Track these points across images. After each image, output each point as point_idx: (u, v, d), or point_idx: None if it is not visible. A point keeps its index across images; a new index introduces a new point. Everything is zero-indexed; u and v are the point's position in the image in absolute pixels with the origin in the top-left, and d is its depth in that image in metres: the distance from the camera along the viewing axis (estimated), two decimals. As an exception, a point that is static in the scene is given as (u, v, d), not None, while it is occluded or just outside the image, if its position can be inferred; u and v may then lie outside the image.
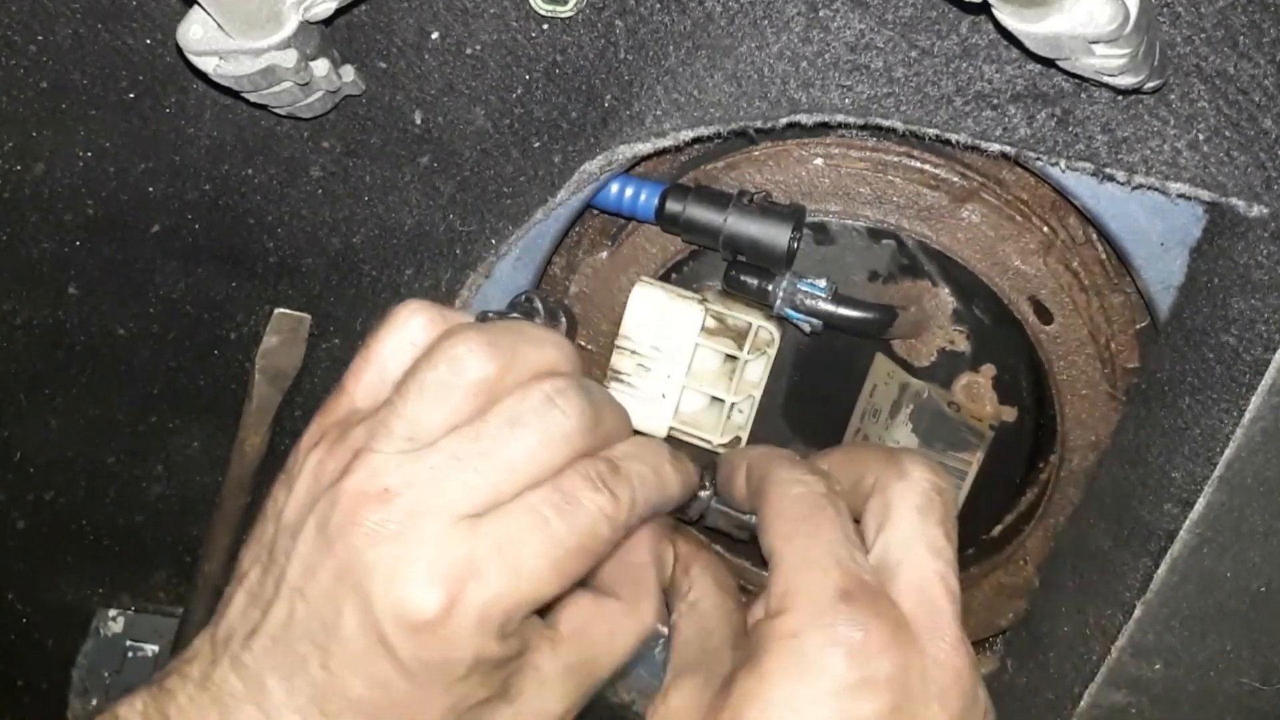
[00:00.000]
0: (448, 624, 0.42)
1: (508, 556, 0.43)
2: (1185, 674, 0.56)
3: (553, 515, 0.44)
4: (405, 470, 0.43)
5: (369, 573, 0.42)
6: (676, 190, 0.57)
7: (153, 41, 0.54)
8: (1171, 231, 0.53)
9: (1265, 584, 0.53)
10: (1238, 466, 0.51)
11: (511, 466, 0.44)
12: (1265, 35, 0.46)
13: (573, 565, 0.44)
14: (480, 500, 0.43)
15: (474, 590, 0.42)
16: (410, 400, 0.45)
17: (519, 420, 0.45)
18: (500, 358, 0.46)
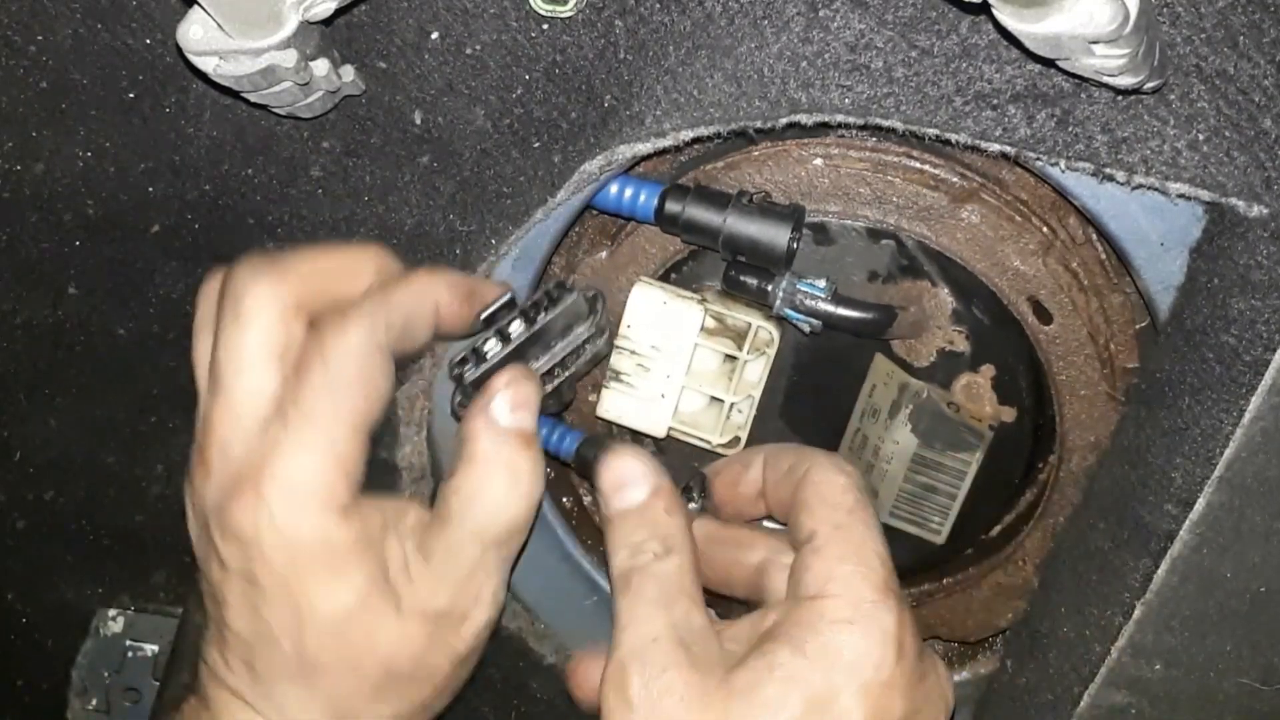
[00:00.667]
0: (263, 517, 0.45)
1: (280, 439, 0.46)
2: (1185, 674, 0.55)
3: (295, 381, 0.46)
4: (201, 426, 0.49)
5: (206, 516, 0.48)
6: (676, 191, 0.57)
7: (153, 41, 0.54)
8: (1171, 231, 0.53)
9: (1265, 584, 0.53)
10: (1238, 467, 0.51)
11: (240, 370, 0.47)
12: (1265, 35, 0.46)
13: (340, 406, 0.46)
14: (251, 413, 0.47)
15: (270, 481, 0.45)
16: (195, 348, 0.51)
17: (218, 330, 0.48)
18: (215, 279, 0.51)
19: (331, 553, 0.47)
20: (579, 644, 0.69)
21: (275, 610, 0.47)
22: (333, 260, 0.50)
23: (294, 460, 0.46)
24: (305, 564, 0.46)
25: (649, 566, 0.48)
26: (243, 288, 0.47)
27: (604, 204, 0.58)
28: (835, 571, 0.46)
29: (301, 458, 0.46)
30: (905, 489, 0.63)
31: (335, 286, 0.49)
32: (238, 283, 0.47)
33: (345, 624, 0.47)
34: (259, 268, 0.48)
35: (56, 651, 0.76)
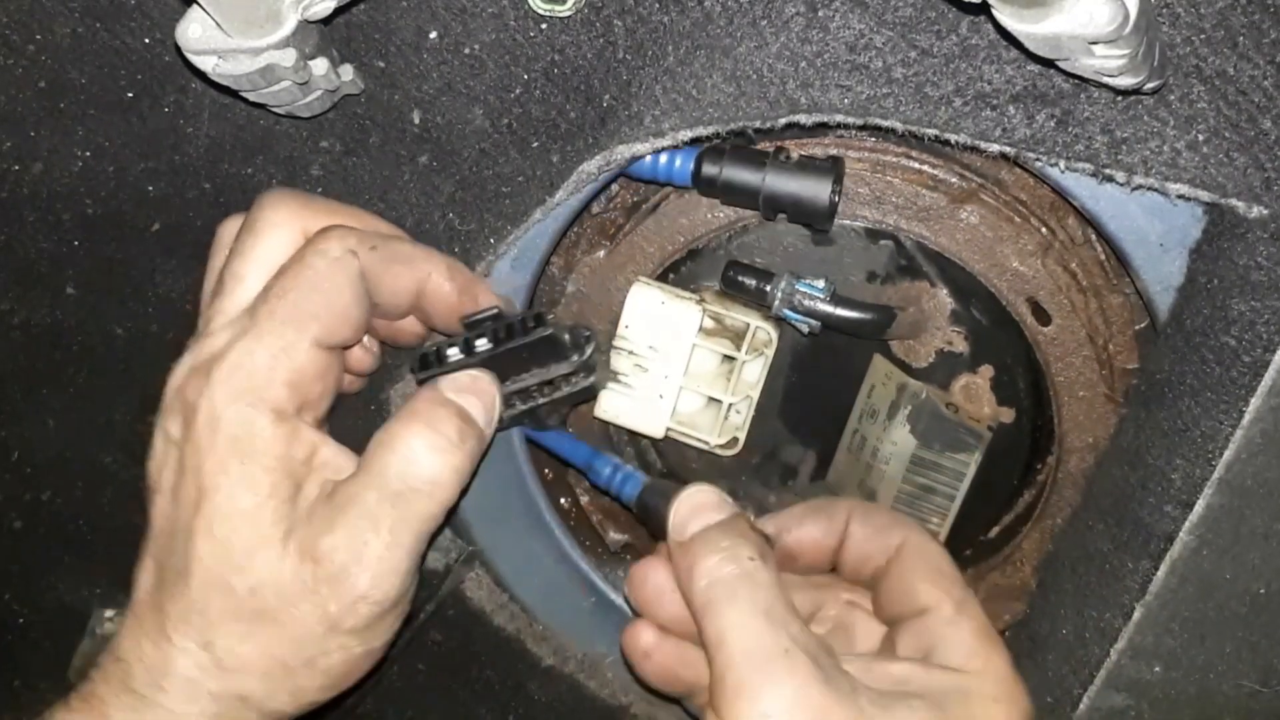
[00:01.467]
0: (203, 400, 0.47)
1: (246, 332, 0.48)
2: (1185, 676, 0.55)
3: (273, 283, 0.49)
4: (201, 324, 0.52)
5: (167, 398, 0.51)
6: (712, 152, 0.56)
7: (151, 41, 0.54)
8: (1171, 232, 0.53)
9: (1265, 586, 0.53)
10: (1237, 468, 0.50)
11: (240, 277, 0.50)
12: (1265, 36, 0.46)
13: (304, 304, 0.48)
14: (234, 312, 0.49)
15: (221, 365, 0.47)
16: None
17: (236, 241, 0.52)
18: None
19: (248, 449, 0.47)
20: (578, 646, 0.69)
21: (185, 494, 0.48)
22: (356, 212, 0.52)
23: (246, 353, 0.47)
24: (222, 451, 0.47)
25: (752, 573, 0.46)
26: (268, 205, 0.50)
27: (639, 172, 0.57)
28: (977, 648, 0.47)
29: (255, 352, 0.47)
30: (904, 490, 0.63)
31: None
32: (265, 201, 0.50)
33: (231, 527, 0.47)
34: (287, 193, 0.51)
35: (53, 651, 0.75)
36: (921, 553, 0.50)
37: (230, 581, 0.47)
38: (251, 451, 0.47)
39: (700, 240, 0.61)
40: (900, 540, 0.51)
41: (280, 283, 0.48)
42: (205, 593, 0.47)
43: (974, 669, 0.47)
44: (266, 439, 0.47)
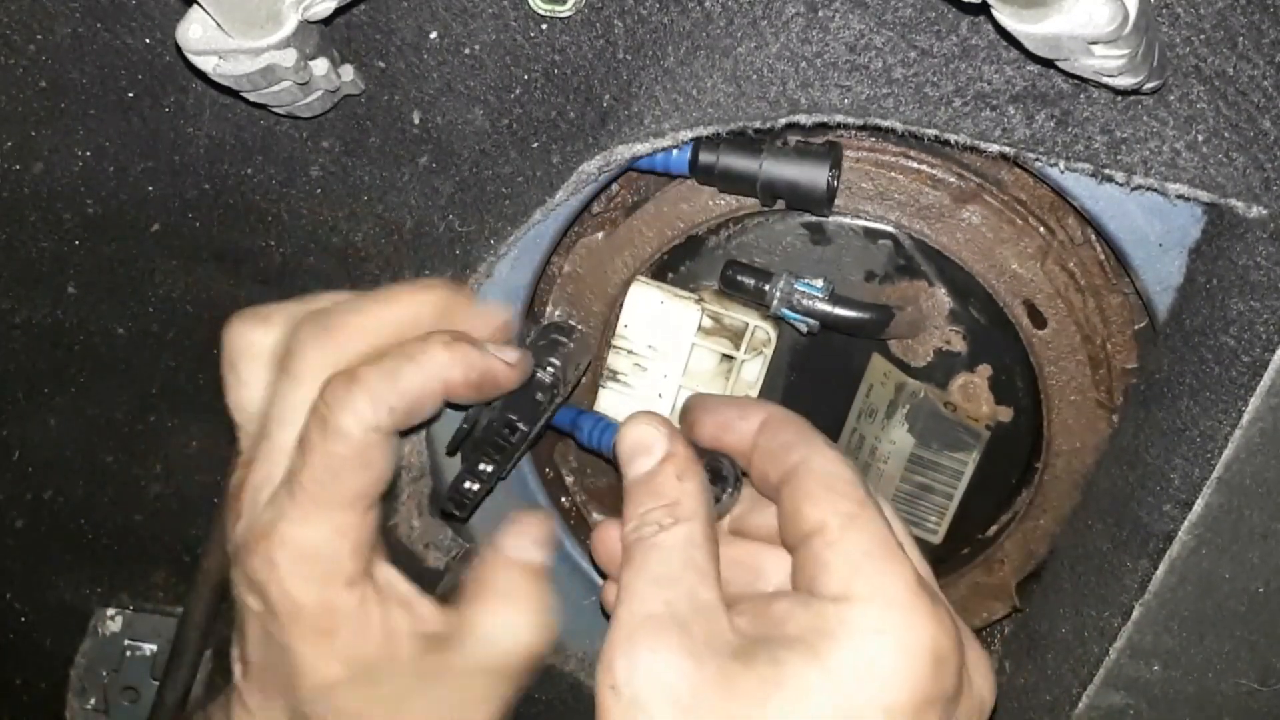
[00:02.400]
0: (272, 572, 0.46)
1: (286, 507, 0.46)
2: (1184, 675, 0.55)
3: (297, 454, 0.46)
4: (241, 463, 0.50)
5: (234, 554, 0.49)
6: (708, 141, 0.56)
7: (152, 41, 0.54)
8: (1170, 232, 0.53)
9: (1264, 585, 0.53)
10: (1236, 468, 0.50)
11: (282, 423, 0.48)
12: (1265, 36, 0.46)
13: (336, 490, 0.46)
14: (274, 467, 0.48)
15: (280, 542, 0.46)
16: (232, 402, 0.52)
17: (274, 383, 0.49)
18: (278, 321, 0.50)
19: (329, 623, 0.47)
20: (578, 644, 0.69)
21: (281, 659, 0.48)
22: (387, 312, 0.49)
23: (298, 530, 0.46)
24: (305, 628, 0.47)
25: (652, 539, 0.44)
26: (299, 347, 0.48)
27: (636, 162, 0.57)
28: (859, 569, 0.40)
29: (305, 529, 0.46)
30: (902, 489, 0.63)
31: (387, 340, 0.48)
32: (296, 340, 0.48)
33: (334, 693, 0.48)
34: (315, 323, 0.48)
35: (55, 651, 0.76)
36: (812, 469, 0.44)
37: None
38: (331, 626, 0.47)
39: (700, 227, 0.60)
40: (798, 459, 0.45)
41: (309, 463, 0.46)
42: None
43: (856, 596, 0.40)
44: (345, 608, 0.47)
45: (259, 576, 0.47)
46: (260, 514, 0.47)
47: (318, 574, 0.47)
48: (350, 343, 0.48)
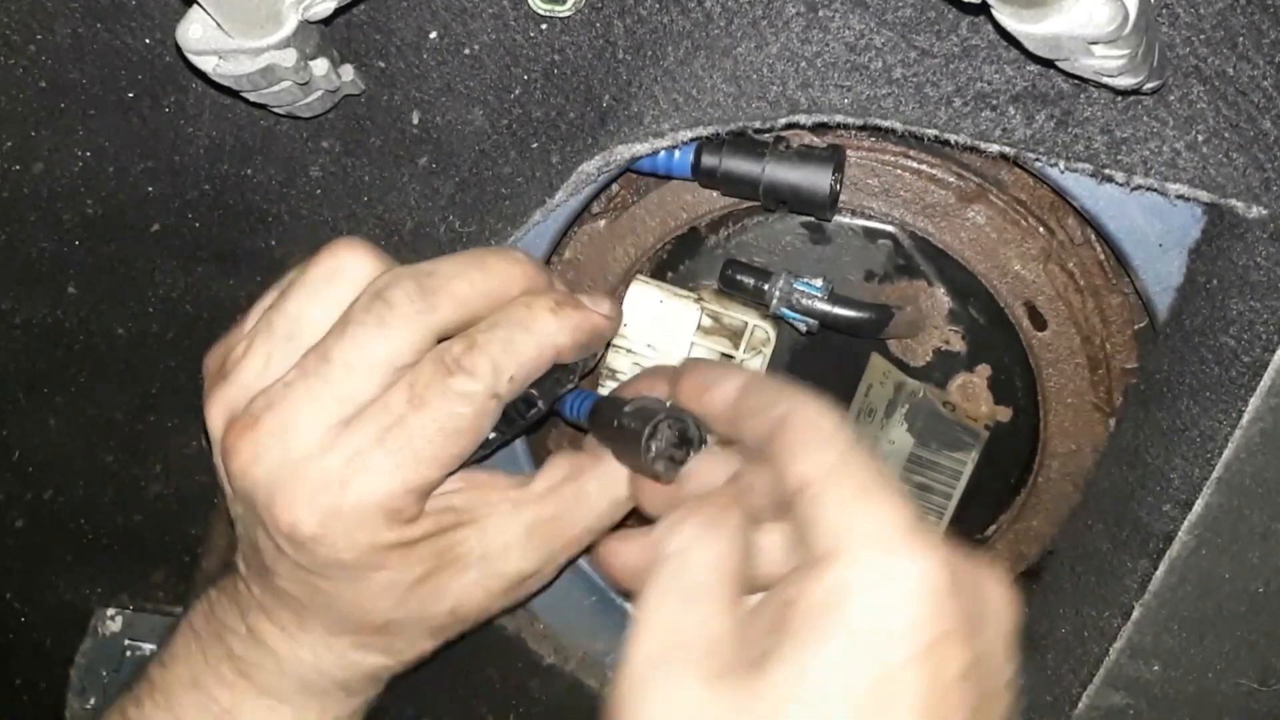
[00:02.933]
0: (330, 532, 0.46)
1: (371, 459, 0.45)
2: (1184, 675, 0.55)
3: (407, 410, 0.45)
4: (268, 392, 0.47)
5: (254, 499, 0.47)
6: (711, 144, 0.55)
7: (152, 41, 0.54)
8: (1170, 232, 0.53)
9: (1264, 585, 0.53)
10: (1236, 468, 0.50)
11: (352, 368, 0.46)
12: (1265, 37, 0.46)
13: (444, 450, 0.46)
14: (334, 410, 0.46)
15: (345, 498, 0.45)
16: (292, 297, 0.49)
17: (349, 321, 0.47)
18: (383, 262, 0.48)
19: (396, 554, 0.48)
20: (578, 644, 0.69)
21: (343, 591, 0.48)
22: (484, 281, 0.48)
23: (383, 484, 0.46)
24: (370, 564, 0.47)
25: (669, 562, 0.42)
26: (399, 301, 0.46)
27: (637, 165, 0.56)
28: (845, 520, 0.38)
29: (391, 484, 0.46)
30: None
31: (483, 306, 0.48)
32: (397, 292, 0.46)
33: (413, 590, 0.49)
34: (419, 284, 0.47)
35: (55, 651, 0.76)
36: (792, 424, 0.42)
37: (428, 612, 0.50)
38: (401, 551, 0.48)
39: (704, 219, 0.60)
40: (778, 416, 0.43)
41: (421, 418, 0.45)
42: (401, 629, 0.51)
43: (844, 550, 0.37)
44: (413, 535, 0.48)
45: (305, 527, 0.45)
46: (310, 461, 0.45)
47: (383, 525, 0.46)
48: (447, 307, 0.47)
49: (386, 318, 0.46)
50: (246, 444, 0.46)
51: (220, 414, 0.48)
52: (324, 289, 0.48)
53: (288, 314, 0.48)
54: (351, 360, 0.46)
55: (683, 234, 0.61)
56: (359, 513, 0.46)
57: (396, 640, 0.51)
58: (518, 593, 0.53)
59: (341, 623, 0.50)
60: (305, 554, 0.47)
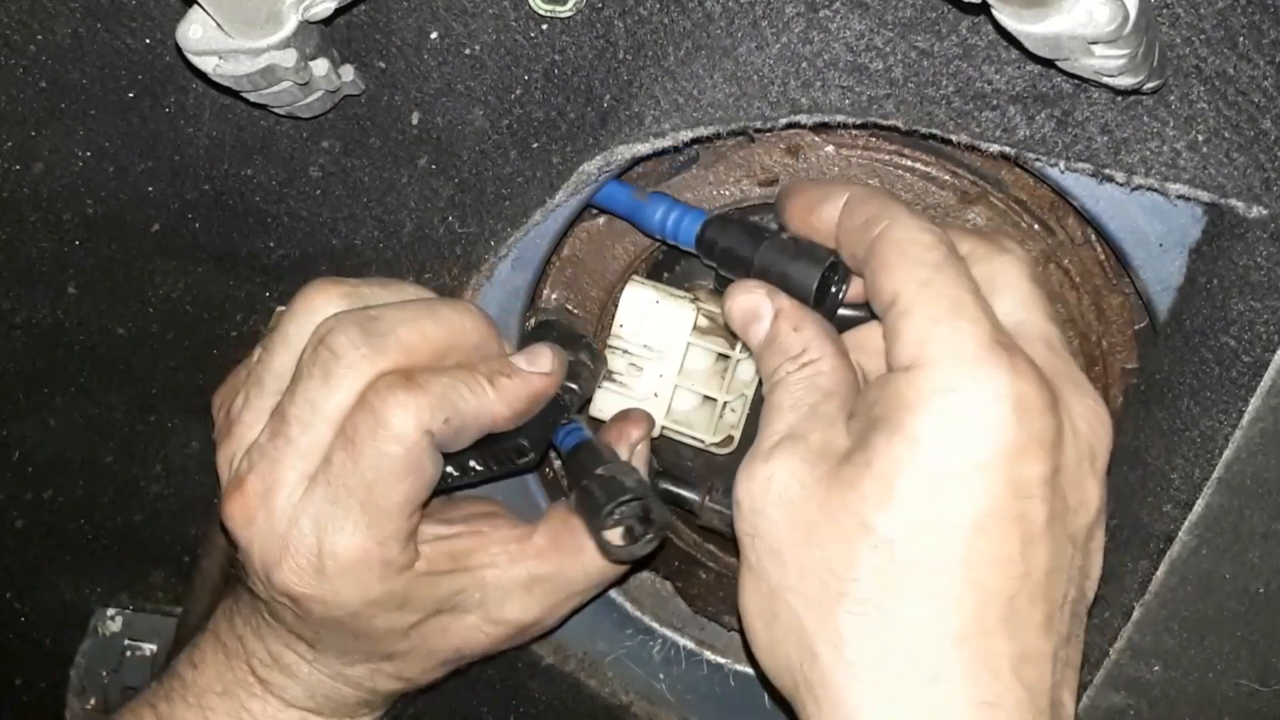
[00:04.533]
0: (321, 593, 0.47)
1: (331, 521, 0.46)
2: (1184, 675, 0.55)
3: (345, 461, 0.46)
4: (249, 454, 0.48)
5: (250, 560, 0.48)
6: (717, 221, 0.55)
7: (152, 41, 0.54)
8: (1170, 232, 0.53)
9: (1264, 585, 0.53)
10: (1237, 468, 0.50)
11: (306, 425, 0.47)
12: (1265, 36, 0.46)
13: (388, 497, 0.47)
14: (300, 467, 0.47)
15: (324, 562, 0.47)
16: (272, 349, 0.50)
17: (298, 377, 0.48)
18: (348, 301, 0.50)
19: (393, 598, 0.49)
20: (578, 644, 0.69)
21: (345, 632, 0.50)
22: (434, 329, 0.49)
23: (348, 541, 0.47)
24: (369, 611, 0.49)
25: (783, 380, 0.45)
26: (342, 348, 0.47)
27: (649, 228, 0.57)
28: (930, 334, 0.39)
29: (355, 539, 0.47)
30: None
31: (432, 354, 0.49)
32: (339, 338, 0.47)
33: (416, 630, 0.51)
34: (362, 329, 0.47)
35: (55, 651, 0.76)
36: (890, 239, 0.43)
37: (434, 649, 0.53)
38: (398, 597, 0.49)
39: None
40: (878, 232, 0.44)
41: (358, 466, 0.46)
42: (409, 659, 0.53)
43: (926, 360, 0.39)
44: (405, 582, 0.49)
45: (297, 586, 0.47)
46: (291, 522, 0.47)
47: (372, 578, 0.48)
48: (394, 352, 0.48)
49: (331, 368, 0.47)
50: (238, 509, 0.48)
51: (224, 469, 0.51)
52: (296, 338, 0.50)
53: (272, 369, 0.50)
54: (304, 418, 0.47)
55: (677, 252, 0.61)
56: (341, 571, 0.47)
57: (407, 668, 0.53)
58: (521, 638, 0.55)
59: (352, 654, 0.52)
60: (303, 610, 0.49)
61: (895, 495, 0.38)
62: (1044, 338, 0.43)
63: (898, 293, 0.41)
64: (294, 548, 0.47)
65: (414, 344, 0.48)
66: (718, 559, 0.67)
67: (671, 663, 0.68)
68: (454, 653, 0.53)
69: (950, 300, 0.40)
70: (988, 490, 0.38)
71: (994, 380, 0.38)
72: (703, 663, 0.68)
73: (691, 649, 0.68)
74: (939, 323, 0.39)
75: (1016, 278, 0.44)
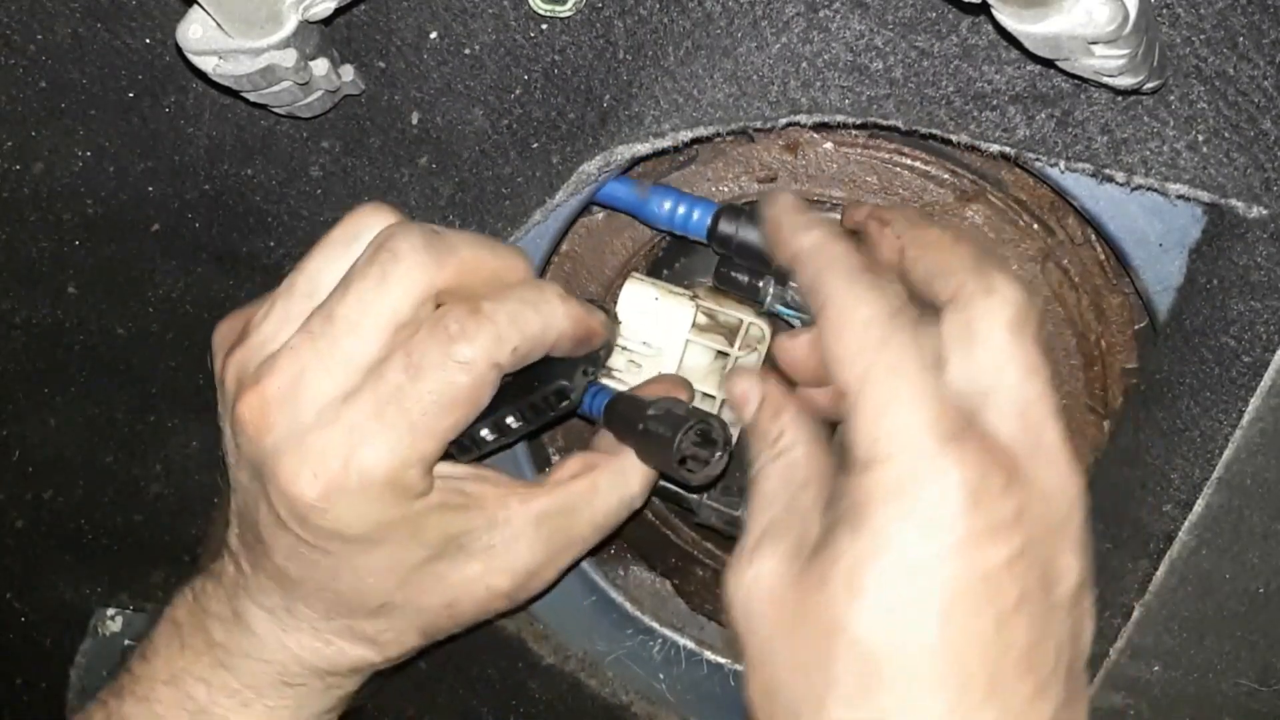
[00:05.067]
0: (334, 505, 0.45)
1: (370, 433, 0.45)
2: (1184, 676, 0.55)
3: (404, 380, 0.45)
4: (276, 356, 0.46)
5: (260, 467, 0.46)
6: (730, 211, 0.55)
7: (152, 41, 0.54)
8: (1170, 232, 0.53)
9: (1264, 585, 0.53)
10: (1237, 468, 0.50)
11: (356, 326, 0.45)
12: (1265, 37, 0.46)
13: (441, 421, 0.45)
14: (339, 374, 0.45)
15: (348, 469, 0.45)
16: (313, 256, 0.48)
17: (352, 275, 0.46)
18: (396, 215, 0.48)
19: (402, 529, 0.47)
20: (578, 644, 0.69)
21: (343, 567, 0.48)
22: (492, 257, 0.48)
23: (383, 458, 0.45)
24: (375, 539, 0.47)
25: (763, 469, 0.46)
26: (404, 252, 0.46)
27: (655, 222, 0.57)
28: (879, 429, 0.39)
29: (390, 459, 0.45)
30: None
31: (484, 282, 0.48)
32: (402, 243, 0.46)
33: (415, 573, 0.49)
34: (426, 238, 0.46)
35: (55, 651, 0.76)
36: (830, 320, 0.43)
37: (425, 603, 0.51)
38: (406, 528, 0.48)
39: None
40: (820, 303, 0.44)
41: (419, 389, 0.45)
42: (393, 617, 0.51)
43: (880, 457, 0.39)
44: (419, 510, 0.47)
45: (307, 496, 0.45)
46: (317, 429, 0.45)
47: (389, 495, 0.46)
48: (452, 266, 0.47)
49: (389, 270, 0.45)
50: (255, 411, 0.46)
51: (234, 376, 0.48)
52: (344, 250, 0.48)
53: (308, 272, 0.48)
54: (354, 318, 0.45)
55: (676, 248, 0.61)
56: (363, 487, 0.45)
57: (387, 630, 0.51)
58: (518, 593, 0.52)
59: (335, 605, 0.49)
60: (308, 527, 0.46)
61: (862, 592, 0.39)
62: (1017, 401, 0.41)
63: (845, 383, 0.41)
64: (320, 454, 0.45)
65: (474, 265, 0.47)
66: (715, 557, 0.67)
67: (671, 663, 0.68)
68: (444, 609, 0.51)
69: (889, 389, 0.40)
70: (953, 578, 0.38)
71: (946, 473, 0.38)
72: (703, 662, 0.68)
73: (691, 649, 0.68)
74: (886, 415, 0.39)
75: (997, 327, 0.42)
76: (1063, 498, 0.41)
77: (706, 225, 0.56)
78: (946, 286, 0.43)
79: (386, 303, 0.45)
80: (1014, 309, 0.42)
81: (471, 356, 0.45)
